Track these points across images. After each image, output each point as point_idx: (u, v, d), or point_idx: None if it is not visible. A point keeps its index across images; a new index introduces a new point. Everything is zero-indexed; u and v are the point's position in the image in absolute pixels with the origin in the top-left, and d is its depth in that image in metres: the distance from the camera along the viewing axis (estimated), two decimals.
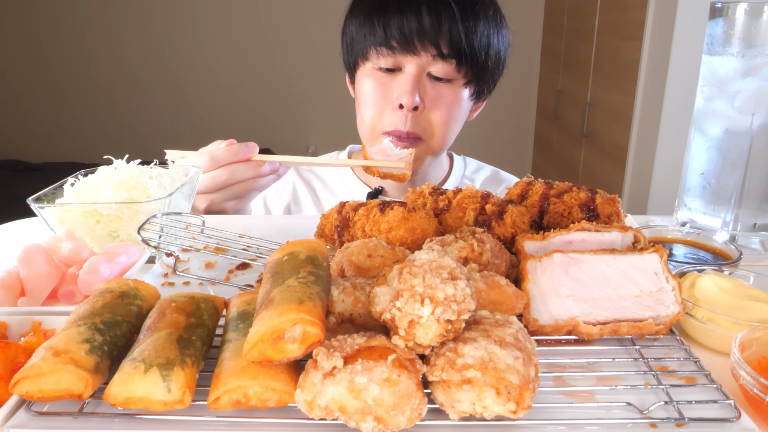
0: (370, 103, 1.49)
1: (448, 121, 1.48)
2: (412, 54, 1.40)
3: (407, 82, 1.42)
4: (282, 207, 1.71)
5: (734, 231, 1.25)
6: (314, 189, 1.74)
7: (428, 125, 1.48)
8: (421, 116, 1.46)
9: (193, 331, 0.73)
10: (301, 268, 0.74)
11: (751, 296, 0.89)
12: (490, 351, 0.65)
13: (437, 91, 1.45)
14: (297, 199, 1.73)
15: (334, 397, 0.60)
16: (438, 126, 1.48)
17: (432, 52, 1.40)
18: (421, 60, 1.41)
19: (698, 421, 0.67)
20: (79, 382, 0.65)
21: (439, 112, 1.46)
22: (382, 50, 1.42)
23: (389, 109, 1.47)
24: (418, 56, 1.41)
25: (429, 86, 1.45)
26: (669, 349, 0.83)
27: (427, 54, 1.40)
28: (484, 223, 1.01)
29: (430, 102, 1.45)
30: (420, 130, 1.47)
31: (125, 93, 5.21)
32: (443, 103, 1.45)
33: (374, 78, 1.48)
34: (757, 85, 1.15)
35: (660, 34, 2.95)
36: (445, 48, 1.40)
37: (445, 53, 1.40)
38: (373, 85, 1.48)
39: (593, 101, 3.79)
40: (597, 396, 0.73)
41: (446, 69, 1.43)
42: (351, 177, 1.73)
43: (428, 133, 1.49)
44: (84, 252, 1.03)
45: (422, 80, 1.44)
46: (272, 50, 5.12)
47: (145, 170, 1.25)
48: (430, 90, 1.45)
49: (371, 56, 1.46)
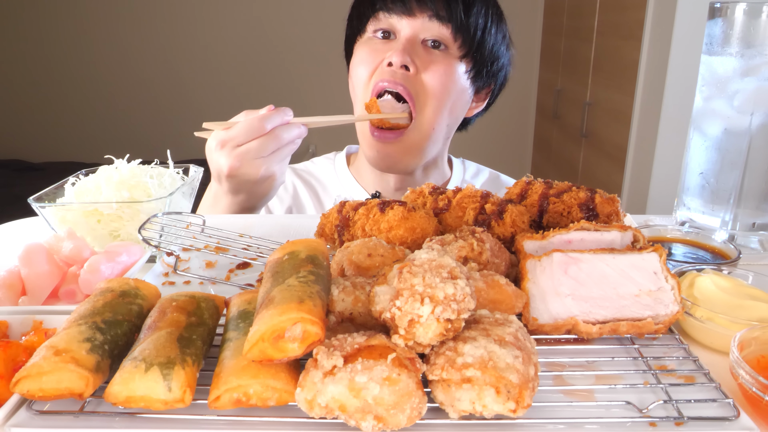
0: (362, 64, 1.47)
1: (441, 89, 1.43)
2: (407, 15, 1.40)
3: (400, 43, 1.42)
4: (283, 209, 1.71)
5: (733, 230, 1.25)
6: (314, 188, 1.74)
7: (421, 89, 1.43)
8: (414, 78, 1.43)
9: (193, 330, 0.74)
10: (302, 268, 0.74)
11: (749, 295, 0.89)
12: (489, 350, 0.65)
13: (430, 57, 1.43)
14: (298, 201, 1.73)
15: (334, 395, 0.61)
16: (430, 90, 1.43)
17: (428, 12, 1.40)
18: (416, 22, 1.41)
19: (697, 420, 0.67)
20: (80, 381, 0.65)
21: (431, 75, 1.42)
22: (378, 14, 1.43)
23: (381, 67, 1.44)
24: (413, 17, 1.40)
25: (423, 51, 1.43)
26: (668, 348, 0.83)
27: (422, 14, 1.40)
28: (483, 223, 1.01)
29: (422, 65, 1.42)
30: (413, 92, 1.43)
31: (126, 93, 5.21)
32: (436, 68, 1.42)
33: (369, 44, 1.48)
34: (755, 84, 1.16)
35: (659, 34, 2.96)
36: (442, 10, 1.40)
37: (441, 14, 1.40)
38: (367, 50, 1.48)
39: (593, 101, 3.79)
40: (596, 395, 0.73)
41: (441, 32, 1.42)
42: (350, 181, 1.73)
43: (421, 101, 1.44)
44: (85, 251, 1.03)
45: (416, 45, 1.43)
46: (273, 50, 5.12)
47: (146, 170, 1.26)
48: (423, 54, 1.43)
49: (369, 25, 1.46)
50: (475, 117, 1.72)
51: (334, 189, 1.73)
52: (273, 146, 1.26)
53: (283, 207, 1.70)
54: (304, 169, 1.80)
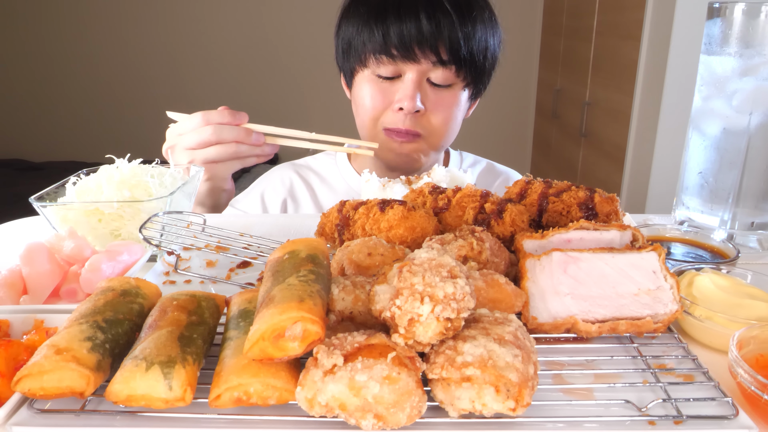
0: (370, 107, 1.50)
1: (448, 122, 1.51)
2: (412, 61, 1.42)
3: (408, 87, 1.43)
4: (279, 201, 1.71)
5: (732, 229, 1.25)
6: (311, 184, 1.75)
7: (428, 125, 1.51)
8: (422, 118, 1.49)
9: (194, 329, 0.74)
10: (302, 267, 0.74)
11: (748, 294, 0.89)
12: (489, 349, 0.65)
13: (438, 96, 1.48)
14: (294, 194, 1.73)
15: (334, 394, 0.61)
16: (438, 127, 1.51)
17: (432, 59, 1.41)
18: (421, 67, 1.43)
19: (696, 419, 0.67)
20: (81, 379, 0.66)
21: (439, 114, 1.49)
22: (382, 58, 1.43)
23: (390, 111, 1.49)
24: (418, 63, 1.42)
25: (430, 91, 1.47)
26: (667, 347, 0.84)
27: (427, 61, 1.42)
28: (483, 222, 1.01)
29: (431, 105, 1.48)
30: (420, 129, 1.50)
31: (127, 93, 5.21)
32: (444, 106, 1.48)
33: (374, 84, 1.49)
34: (754, 84, 1.16)
35: (658, 34, 2.96)
36: (445, 54, 1.41)
37: (445, 60, 1.42)
38: (372, 92, 1.49)
39: (592, 101, 3.80)
40: (595, 393, 0.74)
41: (446, 75, 1.45)
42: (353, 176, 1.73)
43: (428, 131, 1.52)
44: (86, 250, 1.03)
45: (423, 86, 1.46)
46: (273, 50, 5.12)
47: (147, 169, 1.26)
48: (431, 95, 1.47)
49: (370, 63, 1.46)
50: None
51: (337, 184, 1.75)
52: (205, 141, 1.35)
53: (279, 199, 1.71)
54: (304, 164, 1.82)
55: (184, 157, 1.39)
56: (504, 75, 1.72)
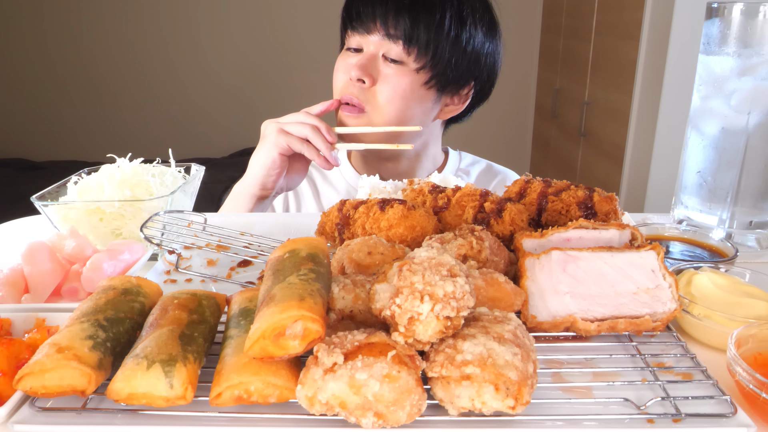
0: (337, 73, 1.62)
1: (392, 99, 1.55)
2: (367, 33, 1.54)
3: (360, 57, 1.55)
4: (281, 197, 1.74)
5: (730, 228, 1.26)
6: (314, 181, 1.78)
7: (373, 99, 1.56)
8: (368, 91, 1.55)
9: (195, 327, 0.74)
10: (302, 266, 0.75)
11: (747, 293, 0.90)
12: (488, 347, 0.65)
13: (386, 71, 1.55)
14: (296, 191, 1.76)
15: (334, 392, 0.61)
16: (383, 103, 1.56)
17: (381, 32, 1.52)
18: (374, 40, 1.53)
19: (695, 417, 0.67)
20: (82, 378, 0.66)
21: (382, 87, 1.54)
22: (349, 32, 1.58)
23: (347, 81, 1.58)
24: (371, 35, 1.54)
25: (381, 66, 1.55)
26: (666, 346, 0.84)
27: (377, 34, 1.53)
28: (482, 221, 1.01)
29: (380, 79, 1.55)
30: (365, 101, 1.56)
31: (128, 92, 5.20)
32: (389, 81, 1.54)
33: (343, 57, 1.61)
34: (752, 84, 1.16)
35: (657, 34, 2.96)
36: (392, 29, 1.51)
37: (391, 34, 1.51)
38: (338, 63, 1.62)
39: (591, 100, 3.80)
40: (594, 392, 0.74)
41: (397, 51, 1.53)
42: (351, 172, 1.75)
43: (372, 106, 1.57)
44: (87, 249, 1.03)
45: (376, 60, 1.55)
46: (275, 50, 5.12)
47: (148, 168, 1.26)
48: (381, 68, 1.55)
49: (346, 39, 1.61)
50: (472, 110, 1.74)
51: (337, 181, 1.78)
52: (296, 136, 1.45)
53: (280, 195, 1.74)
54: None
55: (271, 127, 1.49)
56: (503, 75, 1.73)
